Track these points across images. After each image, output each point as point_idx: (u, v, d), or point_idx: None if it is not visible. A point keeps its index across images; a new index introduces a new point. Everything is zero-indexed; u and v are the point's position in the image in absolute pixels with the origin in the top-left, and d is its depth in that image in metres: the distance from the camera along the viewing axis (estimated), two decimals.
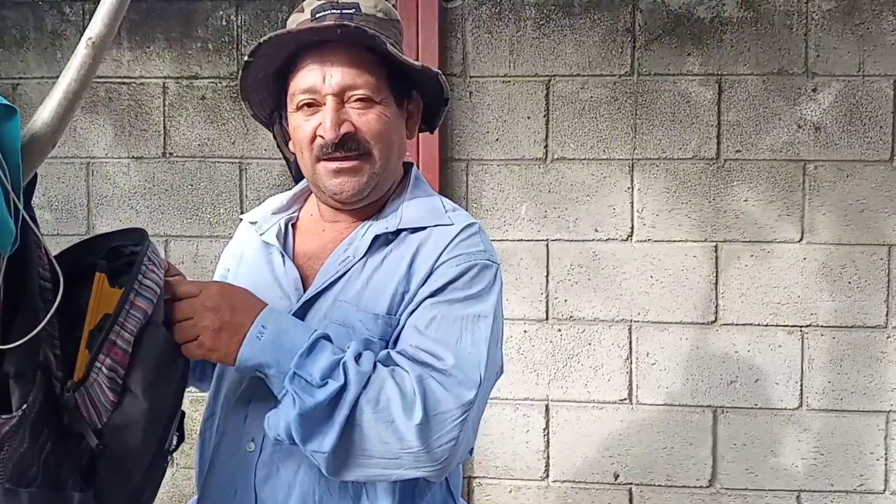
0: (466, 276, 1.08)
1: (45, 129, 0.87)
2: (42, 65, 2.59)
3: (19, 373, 0.87)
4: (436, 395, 0.99)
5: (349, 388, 0.97)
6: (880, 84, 2.36)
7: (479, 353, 1.04)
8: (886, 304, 2.35)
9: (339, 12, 1.09)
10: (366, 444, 0.98)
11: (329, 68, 1.08)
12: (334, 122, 1.08)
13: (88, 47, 0.87)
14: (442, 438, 0.99)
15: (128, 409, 0.95)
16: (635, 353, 2.42)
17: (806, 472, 2.39)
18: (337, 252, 1.15)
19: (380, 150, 1.12)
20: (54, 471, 0.92)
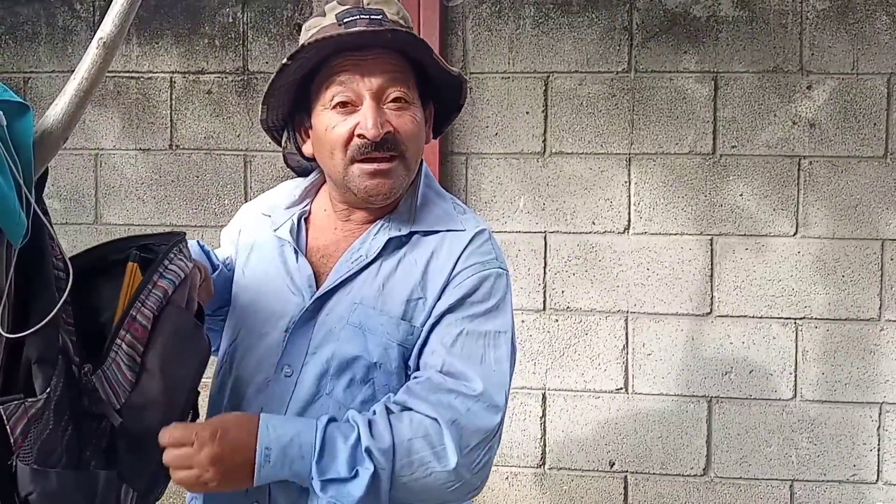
0: (483, 287, 1.11)
1: (56, 125, 0.89)
2: (53, 59, 2.62)
3: (42, 358, 0.89)
4: (468, 430, 1.02)
5: (381, 469, 0.99)
6: (874, 82, 2.37)
7: (502, 375, 1.08)
8: (879, 297, 2.37)
9: (369, 17, 1.08)
10: (414, 494, 1.02)
11: (367, 70, 1.08)
12: (377, 121, 1.07)
13: (99, 47, 0.89)
14: (477, 467, 1.04)
15: (146, 389, 0.98)
16: (631, 344, 2.44)
17: (799, 461, 2.41)
18: (350, 250, 1.15)
19: (412, 152, 1.13)
20: (77, 451, 0.94)
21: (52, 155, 0.90)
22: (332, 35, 1.06)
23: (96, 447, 0.97)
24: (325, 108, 1.11)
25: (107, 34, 0.89)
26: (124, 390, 0.97)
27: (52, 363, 0.90)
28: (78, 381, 0.94)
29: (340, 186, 1.14)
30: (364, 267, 1.13)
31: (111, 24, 0.89)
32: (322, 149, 1.13)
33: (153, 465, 1.02)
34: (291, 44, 2.53)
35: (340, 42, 1.07)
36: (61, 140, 0.90)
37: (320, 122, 1.12)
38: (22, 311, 0.89)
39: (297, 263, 1.18)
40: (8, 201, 0.81)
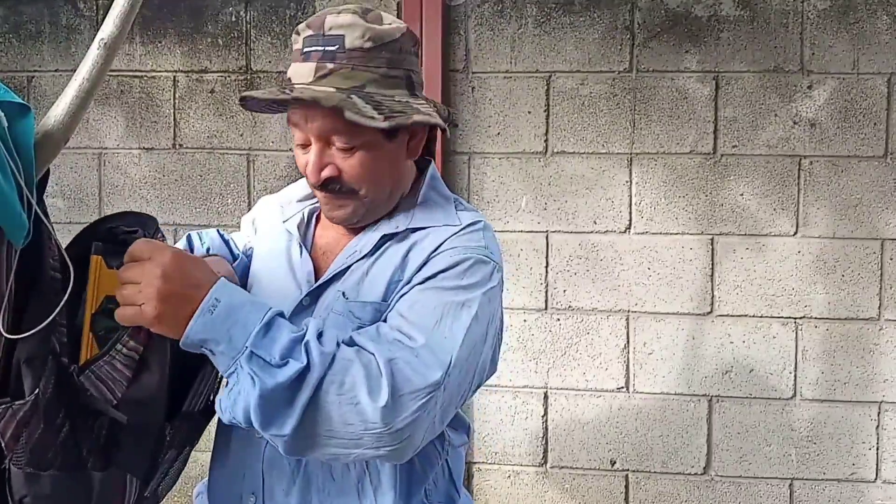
0: (460, 266, 1.06)
1: (57, 126, 0.88)
2: (56, 58, 2.61)
3: (30, 359, 0.88)
4: (403, 374, 0.94)
5: (313, 368, 0.91)
6: (874, 81, 2.36)
7: (454, 338, 1.00)
8: (879, 296, 2.36)
9: (323, 50, 1.06)
10: (328, 425, 0.92)
11: (311, 114, 1.06)
12: (316, 167, 1.08)
13: (101, 48, 0.88)
14: (405, 419, 0.94)
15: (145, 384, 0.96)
16: (632, 343, 2.43)
17: (799, 460, 2.40)
18: (348, 247, 1.16)
19: (367, 188, 1.11)
20: (74, 451, 0.93)
21: (53, 156, 0.90)
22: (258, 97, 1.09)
23: (94, 445, 0.95)
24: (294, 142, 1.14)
25: (108, 35, 0.89)
26: (121, 385, 0.95)
27: (42, 363, 0.88)
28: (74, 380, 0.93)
29: None
30: (357, 261, 1.13)
31: (112, 24, 0.89)
32: None
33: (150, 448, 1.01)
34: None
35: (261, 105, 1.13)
36: (63, 141, 0.89)
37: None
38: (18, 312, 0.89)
39: (301, 258, 1.18)
40: (9, 202, 0.81)
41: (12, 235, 0.83)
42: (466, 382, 1.04)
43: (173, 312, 0.91)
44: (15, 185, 0.82)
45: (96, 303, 0.94)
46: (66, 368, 0.92)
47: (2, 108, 0.83)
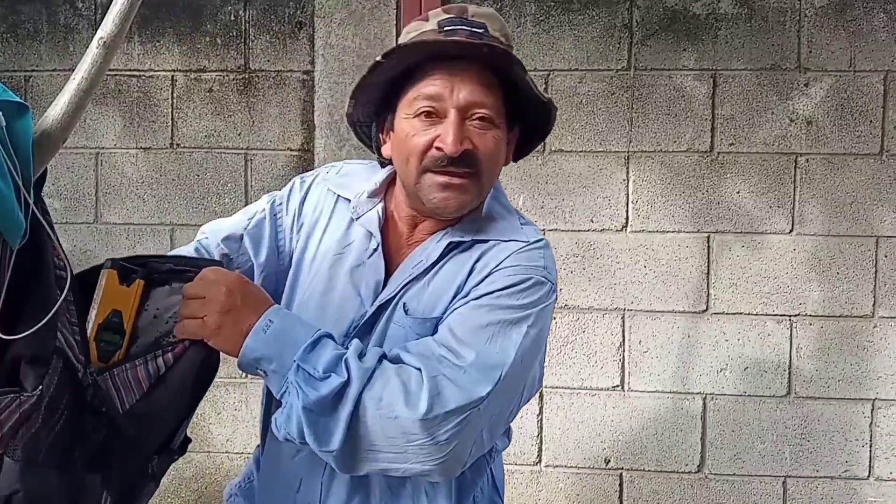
0: (518, 287, 1.05)
1: (55, 125, 0.88)
2: (54, 58, 2.61)
3: (34, 357, 0.88)
4: (445, 392, 0.96)
5: (351, 383, 0.95)
6: (871, 79, 2.36)
7: (504, 355, 1.01)
8: (873, 294, 2.37)
9: (470, 29, 1.06)
10: (372, 439, 0.96)
11: (458, 82, 1.05)
12: (457, 137, 1.04)
13: (100, 47, 0.88)
14: (447, 431, 0.96)
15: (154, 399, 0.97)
16: (628, 341, 2.44)
17: (792, 458, 2.41)
18: (411, 257, 1.13)
19: (489, 172, 1.10)
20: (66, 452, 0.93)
21: (51, 155, 0.90)
22: (428, 40, 1.05)
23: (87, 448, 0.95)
24: (409, 116, 1.08)
25: (107, 34, 0.88)
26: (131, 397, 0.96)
27: (46, 363, 0.89)
28: (81, 380, 0.93)
29: (411, 195, 1.12)
30: (421, 272, 1.11)
31: (111, 23, 0.88)
32: (399, 154, 1.11)
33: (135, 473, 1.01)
34: (293, 42, 2.53)
35: (435, 48, 1.05)
36: (60, 140, 0.89)
37: (402, 127, 1.09)
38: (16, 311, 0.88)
39: (374, 263, 1.14)
40: (6, 202, 0.80)
41: (9, 235, 0.83)
42: (515, 399, 1.06)
43: (232, 326, 0.97)
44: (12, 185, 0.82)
45: (104, 314, 0.97)
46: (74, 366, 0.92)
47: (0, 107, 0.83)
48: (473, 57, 1.06)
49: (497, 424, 1.05)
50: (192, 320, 0.98)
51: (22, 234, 0.84)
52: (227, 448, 2.57)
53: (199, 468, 2.58)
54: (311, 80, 2.52)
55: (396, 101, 1.11)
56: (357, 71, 2.44)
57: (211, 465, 2.57)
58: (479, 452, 1.05)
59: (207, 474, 2.58)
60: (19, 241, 0.84)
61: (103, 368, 0.95)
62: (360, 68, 2.44)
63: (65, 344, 0.91)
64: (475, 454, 1.03)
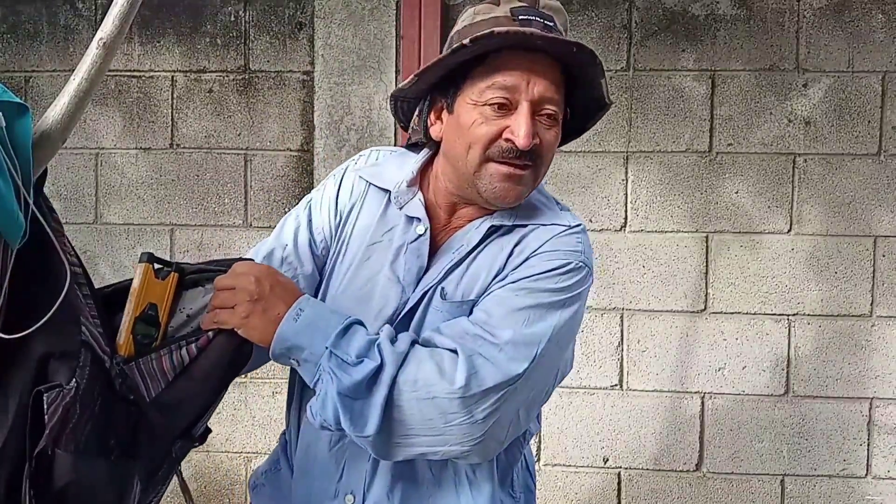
0: (557, 271, 1.05)
1: (55, 126, 0.88)
2: (54, 58, 2.60)
3: (63, 353, 0.89)
4: (482, 370, 0.96)
5: (385, 367, 0.95)
6: (869, 80, 2.36)
7: (542, 335, 1.01)
8: (871, 293, 2.37)
9: (543, 22, 1.05)
10: (409, 423, 0.96)
11: (534, 76, 1.04)
12: (530, 131, 1.03)
13: (99, 47, 0.88)
14: (485, 410, 0.96)
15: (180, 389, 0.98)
16: (626, 341, 2.43)
17: (790, 456, 2.40)
18: (451, 242, 1.13)
19: (547, 166, 1.10)
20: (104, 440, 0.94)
21: (51, 156, 0.90)
22: (523, 31, 1.02)
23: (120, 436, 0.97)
24: (476, 103, 1.06)
25: (107, 34, 0.88)
26: (157, 386, 0.98)
27: (75, 356, 0.90)
28: (109, 370, 0.94)
29: (465, 180, 1.10)
30: (463, 257, 1.10)
31: (111, 24, 0.88)
32: (459, 139, 1.08)
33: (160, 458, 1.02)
34: (293, 42, 2.53)
35: (528, 40, 1.03)
36: (60, 141, 0.89)
37: (467, 114, 1.07)
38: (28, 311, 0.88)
39: (417, 249, 1.12)
40: (6, 202, 0.80)
41: (8, 235, 0.83)
42: (551, 379, 1.07)
43: (261, 315, 0.98)
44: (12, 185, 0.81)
45: (140, 306, 0.98)
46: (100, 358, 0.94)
47: (0, 108, 0.83)
48: (557, 53, 1.05)
49: (533, 403, 1.05)
50: (222, 310, 0.98)
51: (22, 234, 0.84)
52: (227, 447, 2.56)
53: (198, 468, 2.57)
54: (310, 80, 2.51)
55: (460, 83, 1.08)
56: (357, 71, 2.44)
57: (210, 464, 2.57)
58: (517, 432, 1.05)
59: (206, 474, 2.58)
60: (19, 241, 0.84)
61: (129, 358, 0.96)
62: (360, 69, 2.44)
63: (90, 337, 0.92)
64: (512, 434, 1.03)
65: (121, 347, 0.96)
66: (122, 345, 0.96)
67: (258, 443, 2.56)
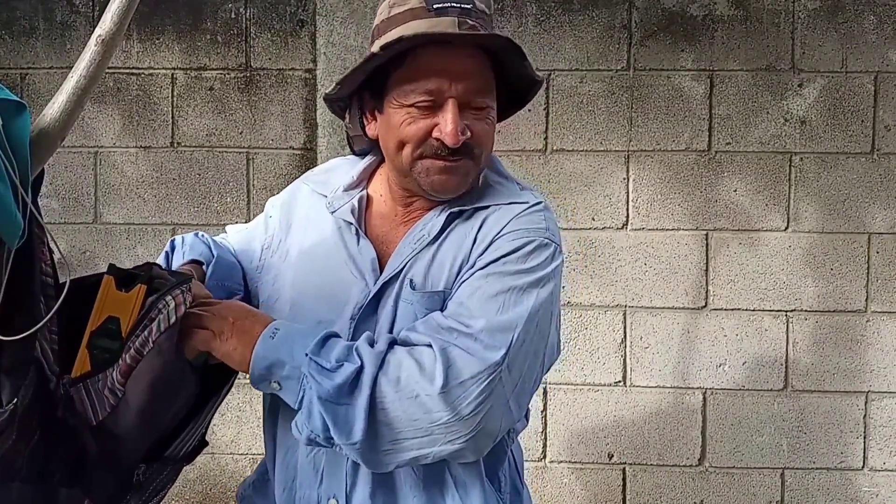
0: (522, 250, 0.99)
1: (53, 124, 0.83)
2: (51, 55, 2.44)
3: (12, 367, 0.82)
4: (458, 362, 0.91)
5: (365, 368, 0.90)
6: (862, 80, 2.29)
7: (517, 318, 0.94)
8: (866, 289, 2.30)
9: (460, 7, 0.98)
10: (396, 425, 0.91)
11: (456, 74, 0.98)
12: (456, 129, 0.98)
13: (98, 44, 0.84)
14: (470, 403, 0.90)
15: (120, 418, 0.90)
16: (629, 338, 2.33)
17: (790, 450, 2.33)
18: (412, 232, 1.06)
19: (485, 154, 1.04)
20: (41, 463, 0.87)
21: (49, 154, 0.84)
22: (433, 32, 0.96)
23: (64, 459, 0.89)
24: (402, 104, 1.00)
25: (105, 31, 0.83)
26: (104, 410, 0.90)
27: (23, 373, 0.83)
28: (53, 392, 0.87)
29: (405, 175, 1.05)
30: (425, 246, 1.04)
31: (110, 21, 0.84)
32: (392, 139, 1.03)
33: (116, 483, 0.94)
34: (294, 40, 2.39)
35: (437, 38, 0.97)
36: (59, 139, 0.84)
37: (396, 114, 1.02)
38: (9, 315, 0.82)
39: (359, 246, 1.07)
40: (4, 202, 0.76)
41: (7, 236, 0.78)
42: (537, 365, 1.00)
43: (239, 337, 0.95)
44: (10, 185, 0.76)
45: (98, 321, 0.90)
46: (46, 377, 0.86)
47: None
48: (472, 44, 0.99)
49: (522, 393, 0.98)
50: (201, 331, 0.95)
51: (20, 234, 0.80)
52: (232, 449, 2.43)
53: (204, 470, 2.44)
54: (313, 78, 2.39)
55: (385, 84, 1.02)
56: None
57: (215, 466, 2.44)
58: (510, 424, 0.98)
59: (212, 476, 2.45)
60: (18, 241, 0.80)
61: (77, 378, 0.88)
62: None
63: (41, 354, 0.86)
64: (505, 426, 0.97)
65: (77, 362, 0.90)
66: (79, 359, 0.90)
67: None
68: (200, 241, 1.19)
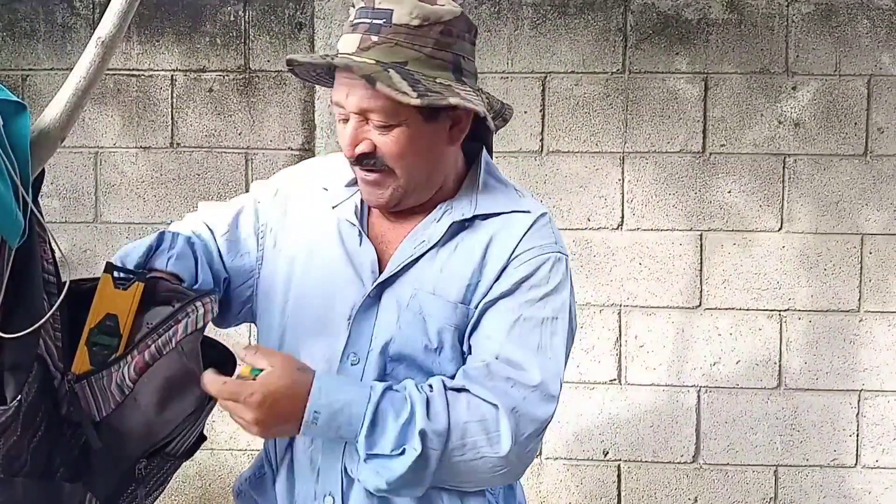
0: (541, 271, 1.02)
1: (53, 125, 0.84)
2: (52, 57, 2.45)
3: (16, 364, 0.83)
4: (524, 420, 0.96)
5: (432, 453, 0.93)
6: (855, 83, 2.31)
7: (558, 363, 1.01)
8: (859, 289, 2.31)
9: (370, 23, 0.99)
10: (458, 477, 0.98)
11: (350, 88, 0.99)
12: (351, 140, 1.00)
13: (98, 46, 0.85)
14: (526, 455, 0.99)
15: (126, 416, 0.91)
16: (624, 337, 2.35)
17: (783, 448, 2.33)
18: (412, 235, 1.06)
19: (402, 168, 1.02)
20: (44, 459, 0.88)
21: (49, 155, 0.86)
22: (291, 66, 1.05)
23: (67, 455, 0.90)
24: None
25: (105, 34, 0.85)
26: (108, 406, 0.91)
27: (27, 370, 0.84)
28: (57, 388, 0.88)
29: None
30: (425, 252, 1.04)
31: (110, 23, 0.85)
32: None
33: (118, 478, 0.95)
34: (293, 42, 2.41)
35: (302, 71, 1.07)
36: (59, 140, 0.85)
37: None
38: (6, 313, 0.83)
39: (361, 247, 1.07)
40: (4, 201, 0.77)
41: (8, 235, 0.80)
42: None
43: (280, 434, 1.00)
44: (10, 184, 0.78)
45: (96, 318, 0.91)
46: (50, 375, 0.87)
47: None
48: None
49: None
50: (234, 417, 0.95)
51: (21, 233, 0.81)
52: (231, 445, 2.44)
53: (203, 466, 2.44)
54: None
55: None
56: None
57: (215, 462, 2.45)
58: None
59: (211, 472, 2.46)
60: (18, 241, 0.81)
61: (82, 375, 0.89)
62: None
63: (45, 351, 0.87)
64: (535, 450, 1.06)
65: (77, 358, 0.91)
66: (77, 355, 0.91)
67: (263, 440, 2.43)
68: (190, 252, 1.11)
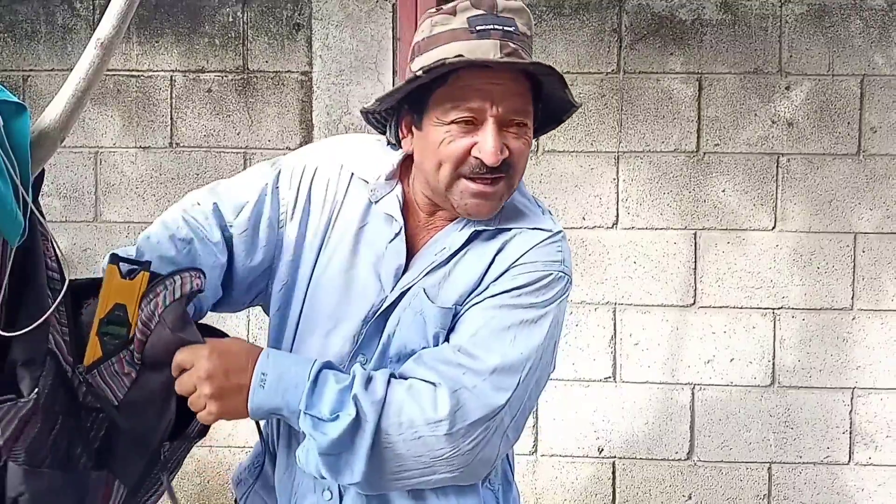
0: (538, 283, 1.00)
1: (53, 125, 0.84)
2: (52, 58, 2.46)
3: (29, 360, 0.85)
4: (466, 405, 0.93)
5: (366, 418, 0.91)
6: (848, 83, 2.31)
7: (524, 356, 0.97)
8: (852, 287, 2.32)
9: (502, 29, 0.96)
10: (397, 461, 0.94)
11: (498, 94, 0.96)
12: (497, 148, 0.96)
13: (97, 47, 0.85)
14: (471, 442, 0.93)
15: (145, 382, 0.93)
16: (619, 335, 2.36)
17: (777, 445, 2.35)
18: (433, 242, 1.05)
19: (519, 173, 1.02)
20: (65, 450, 0.90)
21: (49, 155, 0.86)
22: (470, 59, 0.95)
23: (89, 445, 0.92)
24: (441, 122, 0.99)
25: (104, 35, 0.84)
26: (122, 386, 0.92)
27: (40, 364, 0.86)
28: (71, 380, 0.89)
29: (439, 196, 1.03)
30: (445, 260, 1.03)
31: (109, 24, 0.85)
32: (429, 157, 1.01)
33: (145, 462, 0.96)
34: (291, 43, 2.41)
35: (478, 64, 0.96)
36: (58, 140, 0.86)
37: (434, 133, 1.00)
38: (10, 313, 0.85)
39: (392, 245, 1.04)
40: (5, 201, 0.77)
41: (8, 234, 0.80)
42: (536, 391, 1.02)
43: (232, 403, 0.94)
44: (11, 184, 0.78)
45: (105, 308, 0.92)
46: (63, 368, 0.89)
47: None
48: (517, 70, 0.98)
49: (521, 419, 1.00)
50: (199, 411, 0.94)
51: (21, 233, 0.81)
52: (230, 442, 2.45)
53: (202, 463, 2.46)
54: (309, 80, 2.41)
55: (426, 102, 1.00)
56: (355, 72, 2.35)
57: (213, 459, 2.46)
58: (507, 449, 1.02)
59: (210, 468, 2.47)
60: (18, 240, 0.82)
61: (92, 365, 0.91)
62: (357, 69, 2.35)
63: (55, 345, 0.88)
64: (503, 452, 1.00)
65: (89, 349, 0.92)
66: (89, 346, 0.92)
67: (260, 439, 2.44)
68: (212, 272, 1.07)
